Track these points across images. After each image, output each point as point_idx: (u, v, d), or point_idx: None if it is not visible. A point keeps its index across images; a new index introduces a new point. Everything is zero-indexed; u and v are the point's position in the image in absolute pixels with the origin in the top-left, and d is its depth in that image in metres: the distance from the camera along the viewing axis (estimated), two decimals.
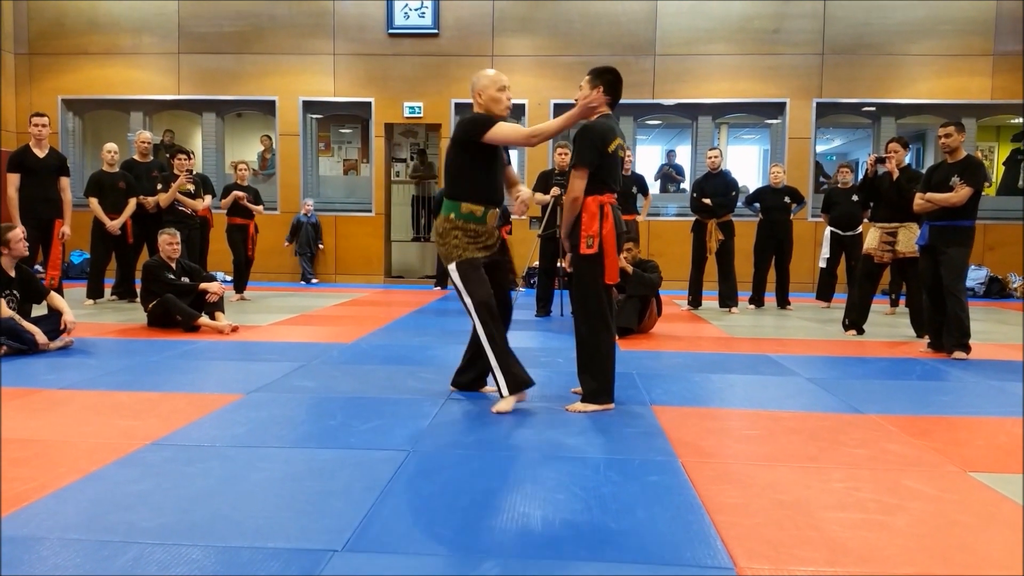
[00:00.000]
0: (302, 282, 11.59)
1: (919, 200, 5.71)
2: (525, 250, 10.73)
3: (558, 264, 7.52)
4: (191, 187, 8.20)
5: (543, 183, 7.65)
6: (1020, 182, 12.52)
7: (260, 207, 9.12)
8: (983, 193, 5.67)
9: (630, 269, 6.02)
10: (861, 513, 2.44)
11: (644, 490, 2.62)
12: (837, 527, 2.32)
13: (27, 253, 5.35)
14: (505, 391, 3.67)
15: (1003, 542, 2.25)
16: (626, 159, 4.36)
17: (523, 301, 8.68)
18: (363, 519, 2.31)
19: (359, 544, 2.14)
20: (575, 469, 2.84)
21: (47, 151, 7.34)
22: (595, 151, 3.65)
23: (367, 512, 2.37)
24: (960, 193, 5.47)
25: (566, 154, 7.66)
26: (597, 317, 3.72)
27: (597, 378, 3.74)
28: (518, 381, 3.67)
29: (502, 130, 3.61)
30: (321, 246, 11.81)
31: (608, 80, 3.78)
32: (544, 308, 7.68)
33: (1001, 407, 4.03)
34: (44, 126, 7.29)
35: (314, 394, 4.05)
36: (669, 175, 13.35)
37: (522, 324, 6.98)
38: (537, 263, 7.80)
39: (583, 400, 3.77)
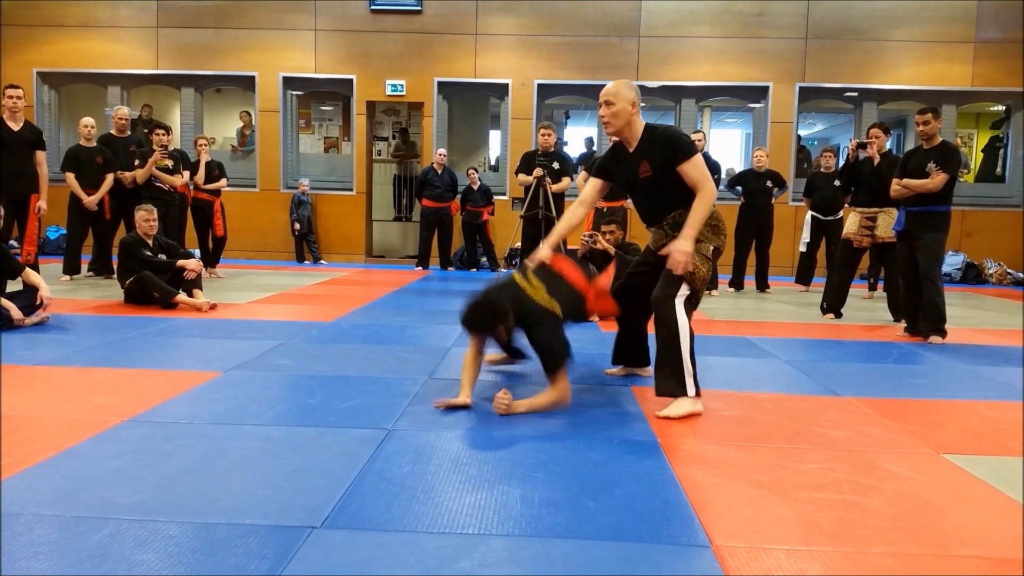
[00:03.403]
0: (307, 262, 11.46)
1: (895, 186, 5.75)
2: (508, 231, 10.72)
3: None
4: (169, 163, 8.11)
5: (526, 164, 7.63)
6: (998, 169, 12.65)
7: (223, 182, 9.13)
8: (961, 180, 5.72)
9: (612, 251, 6.03)
10: (836, 493, 2.47)
11: (623, 469, 2.64)
12: (812, 507, 2.35)
13: None
14: None
15: (974, 522, 2.29)
16: None
17: None
18: (342, 497, 2.31)
19: (337, 521, 2.14)
20: (555, 448, 2.85)
21: (22, 124, 7.21)
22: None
23: (346, 490, 2.36)
24: (936, 179, 5.51)
25: (549, 135, 7.66)
26: None
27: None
28: None
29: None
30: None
31: None
32: None
33: (975, 391, 4.09)
34: (18, 98, 7.14)
35: (293, 372, 4.03)
36: None
37: None
38: (519, 244, 7.78)
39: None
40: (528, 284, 3.44)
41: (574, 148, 14.55)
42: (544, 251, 3.66)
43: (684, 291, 3.42)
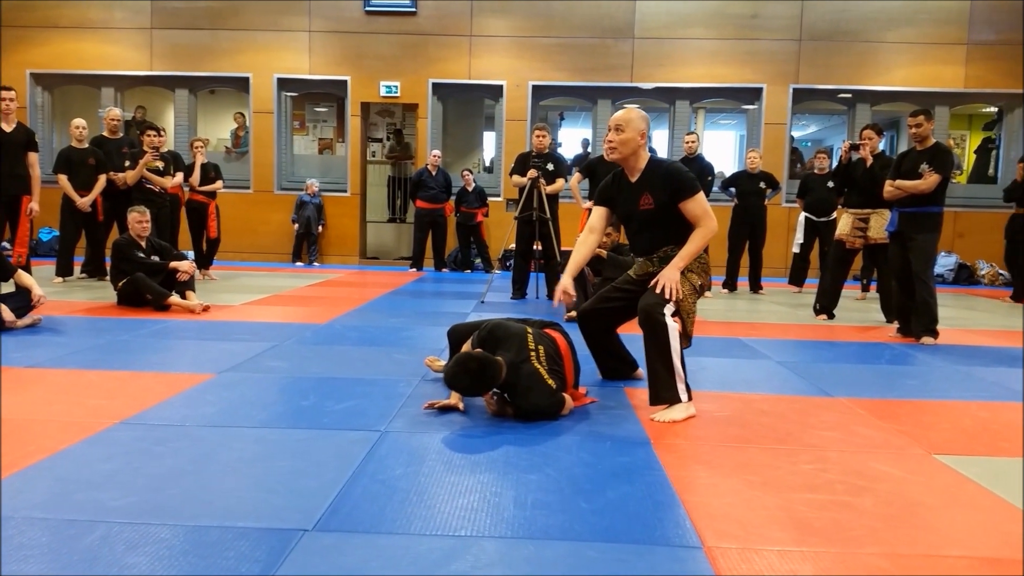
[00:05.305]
0: (300, 263, 11.44)
1: (888, 187, 5.77)
2: (502, 233, 10.72)
3: (534, 247, 7.52)
4: (160, 164, 8.09)
5: (521, 165, 7.63)
6: (990, 170, 12.70)
7: (219, 183, 9.14)
8: (954, 181, 5.75)
9: (604, 253, 6.04)
10: (828, 494, 2.48)
11: (615, 470, 2.64)
12: (805, 507, 2.35)
13: None
14: None
15: (966, 522, 2.30)
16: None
17: (498, 284, 8.68)
18: (335, 499, 2.30)
19: (330, 524, 2.14)
20: (547, 450, 2.85)
21: (14, 126, 7.18)
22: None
23: (339, 492, 2.36)
24: (928, 180, 5.53)
25: (544, 136, 7.65)
26: None
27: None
28: None
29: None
30: (321, 228, 11.65)
31: None
32: (520, 291, 7.69)
33: (967, 391, 4.10)
34: (11, 100, 7.12)
35: (286, 374, 4.02)
36: None
37: (497, 307, 6.99)
38: (514, 246, 7.79)
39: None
40: (535, 350, 3.30)
41: (569, 149, 14.57)
42: (566, 280, 3.62)
43: (671, 307, 3.41)
